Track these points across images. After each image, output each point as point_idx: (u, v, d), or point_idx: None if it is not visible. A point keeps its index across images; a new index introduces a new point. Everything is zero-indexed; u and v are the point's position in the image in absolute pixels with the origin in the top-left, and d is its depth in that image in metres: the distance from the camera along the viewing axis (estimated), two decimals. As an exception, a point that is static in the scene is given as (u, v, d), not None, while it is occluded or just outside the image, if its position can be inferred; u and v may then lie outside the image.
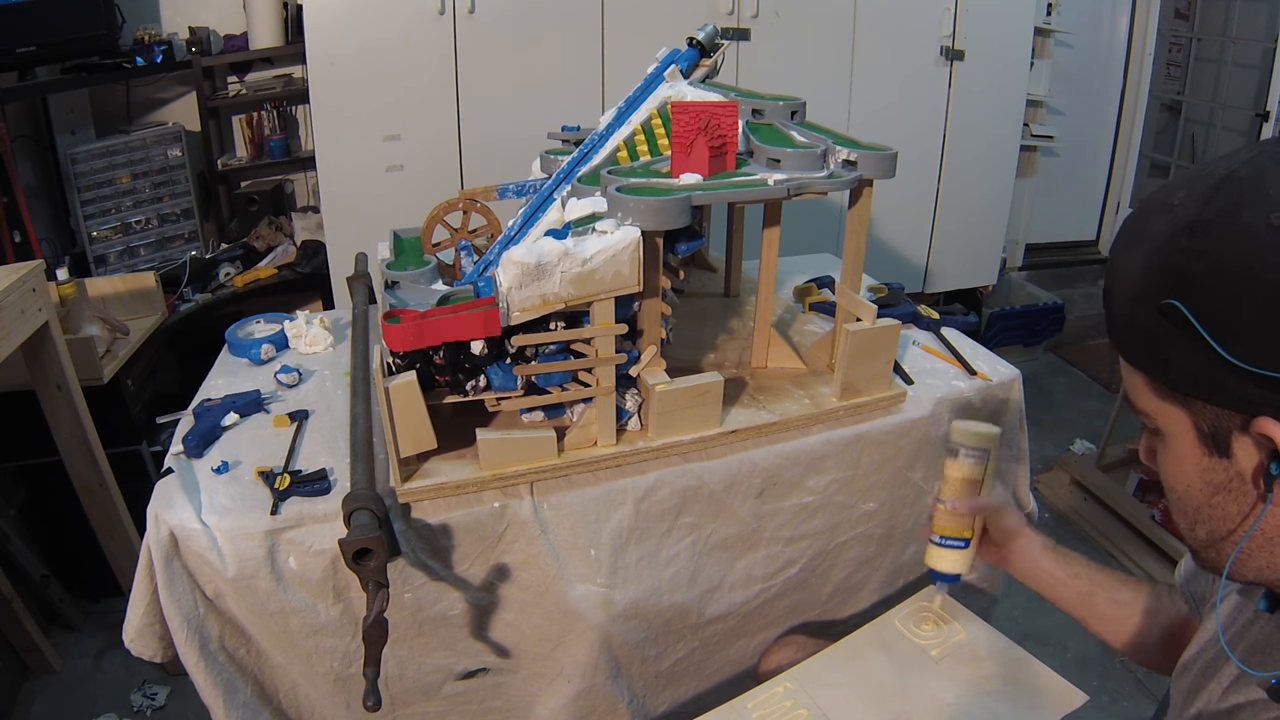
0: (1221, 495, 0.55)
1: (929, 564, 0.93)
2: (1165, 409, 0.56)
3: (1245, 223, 0.49)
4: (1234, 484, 0.54)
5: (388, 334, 0.82)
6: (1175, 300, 0.50)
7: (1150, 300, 0.52)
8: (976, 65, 2.76)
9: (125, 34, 2.49)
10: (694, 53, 1.14)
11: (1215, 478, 0.55)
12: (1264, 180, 0.50)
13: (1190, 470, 0.56)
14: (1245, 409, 0.51)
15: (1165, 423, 0.56)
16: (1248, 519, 0.54)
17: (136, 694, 1.77)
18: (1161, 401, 0.56)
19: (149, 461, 1.98)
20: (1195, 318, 0.50)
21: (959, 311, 3.17)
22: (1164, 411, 0.56)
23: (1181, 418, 0.55)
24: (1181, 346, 0.51)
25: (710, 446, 1.01)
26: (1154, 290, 0.52)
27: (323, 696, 1.00)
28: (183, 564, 0.89)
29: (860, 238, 1.07)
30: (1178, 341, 0.51)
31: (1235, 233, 0.49)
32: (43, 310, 1.51)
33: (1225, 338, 0.49)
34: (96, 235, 2.54)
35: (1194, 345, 0.50)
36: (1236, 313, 0.49)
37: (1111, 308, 0.57)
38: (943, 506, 0.92)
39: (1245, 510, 0.54)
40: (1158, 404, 0.56)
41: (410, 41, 2.26)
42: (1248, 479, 0.53)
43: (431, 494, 0.91)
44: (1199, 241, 0.50)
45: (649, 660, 1.10)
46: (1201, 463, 0.55)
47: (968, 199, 2.95)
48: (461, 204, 1.13)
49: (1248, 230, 0.48)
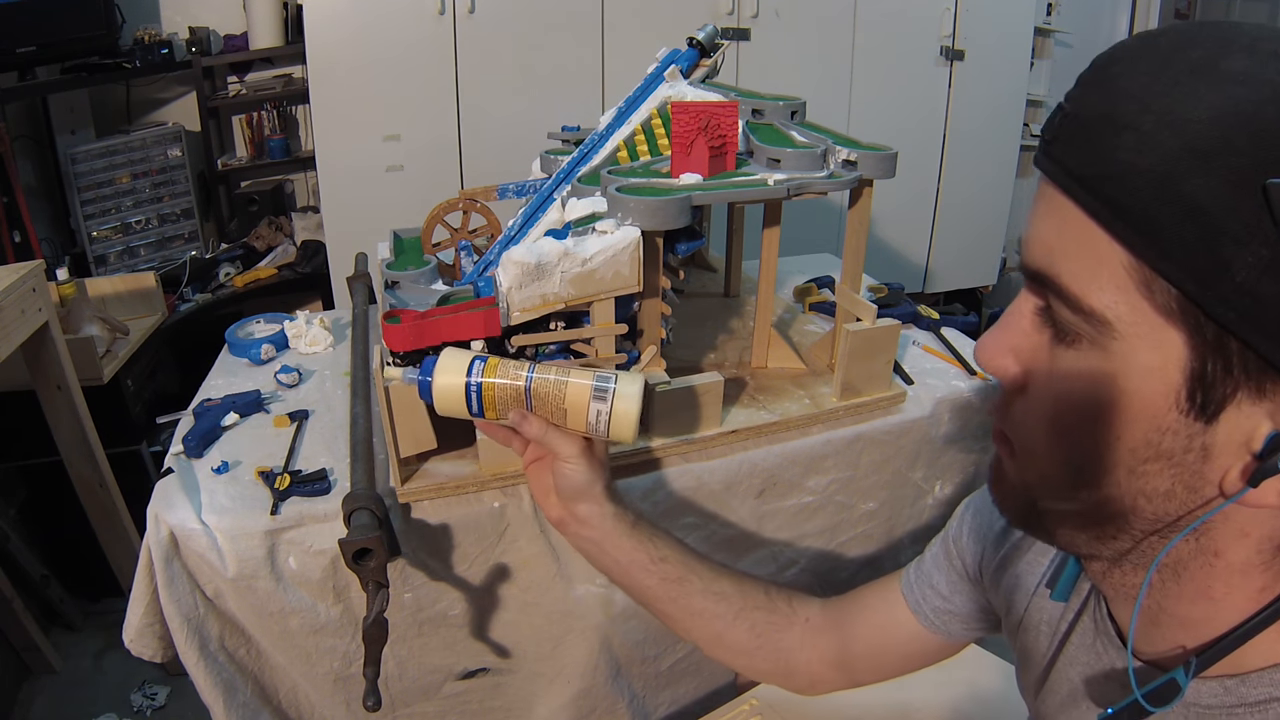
0: (1160, 464, 0.40)
1: (439, 366, 0.71)
2: (1148, 323, 0.38)
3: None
4: (1187, 457, 0.39)
5: (388, 334, 0.82)
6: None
7: (1229, 168, 0.34)
8: (976, 65, 2.76)
9: (125, 34, 2.50)
10: (694, 53, 1.14)
11: (1169, 440, 0.39)
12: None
13: (1135, 415, 0.39)
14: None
15: (1133, 341, 0.39)
16: (1188, 507, 0.41)
17: (136, 694, 1.77)
18: (1149, 311, 0.38)
19: (149, 461, 1.98)
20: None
21: (959, 311, 3.17)
22: (1142, 325, 0.38)
23: (1175, 346, 0.38)
24: (1261, 255, 0.34)
25: (710, 446, 1.01)
26: (1247, 157, 0.34)
27: (323, 696, 1.00)
28: (183, 564, 0.89)
29: (860, 238, 1.07)
30: (1256, 246, 0.34)
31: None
32: (43, 310, 1.51)
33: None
34: (96, 235, 2.54)
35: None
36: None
37: (1121, 146, 0.37)
38: (522, 389, 0.70)
39: (1180, 494, 0.40)
40: (1138, 312, 0.38)
41: (410, 41, 2.26)
42: (1212, 458, 0.39)
43: (431, 494, 0.91)
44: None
45: (649, 660, 1.10)
46: (1163, 414, 0.39)
47: (968, 199, 2.95)
48: (461, 204, 1.13)
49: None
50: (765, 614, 0.77)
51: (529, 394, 0.71)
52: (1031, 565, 0.64)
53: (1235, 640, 0.43)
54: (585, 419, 0.70)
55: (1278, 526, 0.41)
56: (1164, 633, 0.47)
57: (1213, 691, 0.44)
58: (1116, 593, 0.50)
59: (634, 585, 0.76)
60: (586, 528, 0.74)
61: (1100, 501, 0.43)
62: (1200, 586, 0.44)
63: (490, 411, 0.72)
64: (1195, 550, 0.43)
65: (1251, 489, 0.38)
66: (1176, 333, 0.37)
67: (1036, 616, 0.62)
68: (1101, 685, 0.54)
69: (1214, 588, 0.43)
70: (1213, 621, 0.44)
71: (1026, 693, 0.65)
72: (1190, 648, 0.46)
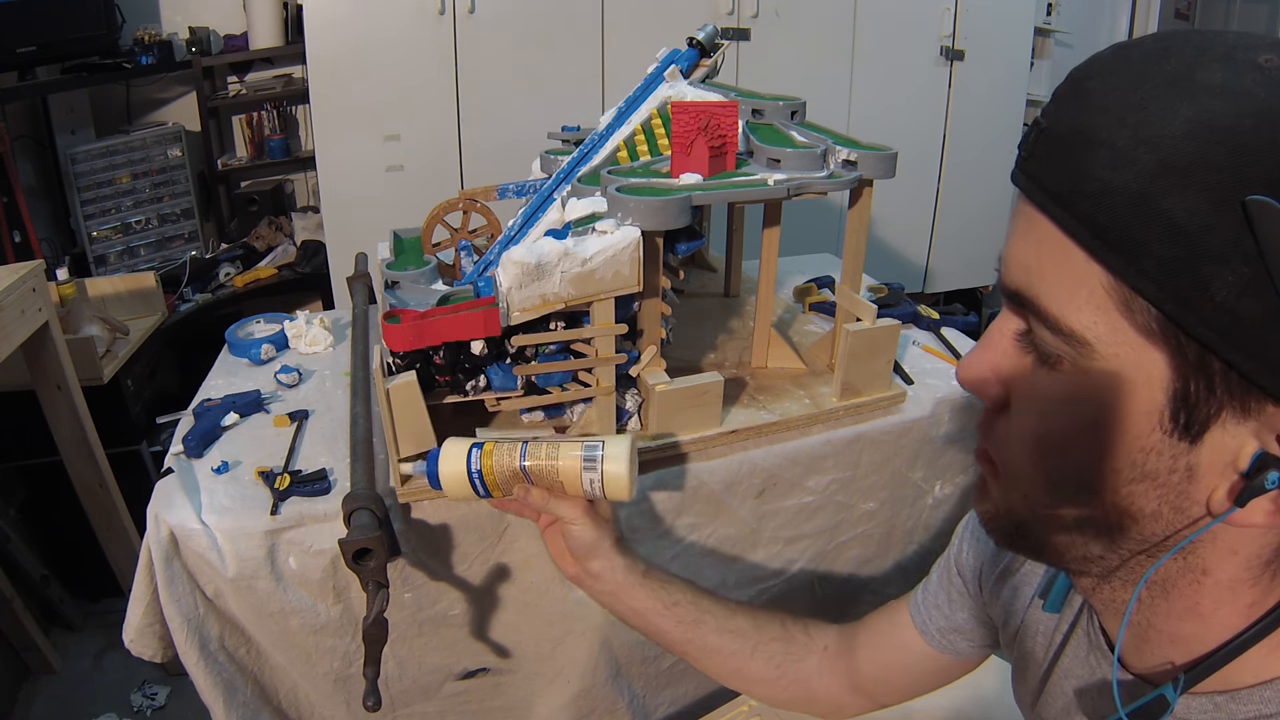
0: (1145, 485, 0.39)
1: (442, 458, 0.77)
2: (1129, 343, 0.37)
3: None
4: (1172, 477, 0.39)
5: (388, 334, 0.82)
6: (1274, 199, 0.32)
7: (1207, 184, 0.33)
8: (976, 65, 2.76)
9: (125, 34, 2.50)
10: (694, 53, 1.14)
11: (1153, 460, 0.38)
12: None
13: (1119, 436, 0.39)
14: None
15: (1114, 362, 0.38)
16: (1175, 527, 0.40)
17: (136, 694, 1.77)
18: (1129, 331, 0.37)
19: (149, 461, 1.98)
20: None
21: (959, 311, 3.17)
22: (1122, 345, 0.37)
23: (1157, 366, 0.37)
24: (1243, 273, 0.33)
25: (710, 446, 1.01)
26: (1226, 173, 0.33)
27: (323, 696, 1.00)
28: (183, 564, 0.89)
29: (860, 238, 1.07)
30: (1238, 264, 0.33)
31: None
32: (43, 310, 1.51)
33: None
34: (96, 235, 2.54)
35: (1265, 280, 0.33)
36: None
37: (1096, 163, 0.36)
38: (518, 469, 0.75)
39: (1166, 515, 0.40)
40: (1118, 332, 0.37)
41: (410, 41, 2.26)
42: (1198, 477, 0.38)
43: (431, 494, 0.91)
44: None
45: (649, 660, 1.10)
46: (1147, 434, 0.38)
47: (968, 199, 2.95)
48: (461, 204, 1.13)
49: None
50: (782, 645, 0.79)
51: (525, 473, 0.76)
52: (1028, 576, 0.64)
53: (1225, 656, 0.43)
54: (580, 488, 0.75)
55: (1266, 543, 0.41)
56: (1153, 648, 0.47)
57: (1202, 708, 0.44)
58: (1106, 608, 0.49)
59: (651, 630, 0.80)
60: (600, 582, 0.79)
61: (1085, 521, 0.42)
62: (1189, 603, 0.43)
63: (496, 492, 0.77)
64: (1183, 568, 0.43)
65: (1239, 509, 0.38)
66: (1158, 353, 0.37)
67: (1032, 627, 0.62)
68: (1094, 699, 0.53)
69: (1202, 604, 0.43)
70: (1202, 638, 0.44)
71: (1023, 704, 0.64)
72: (1179, 663, 0.45)
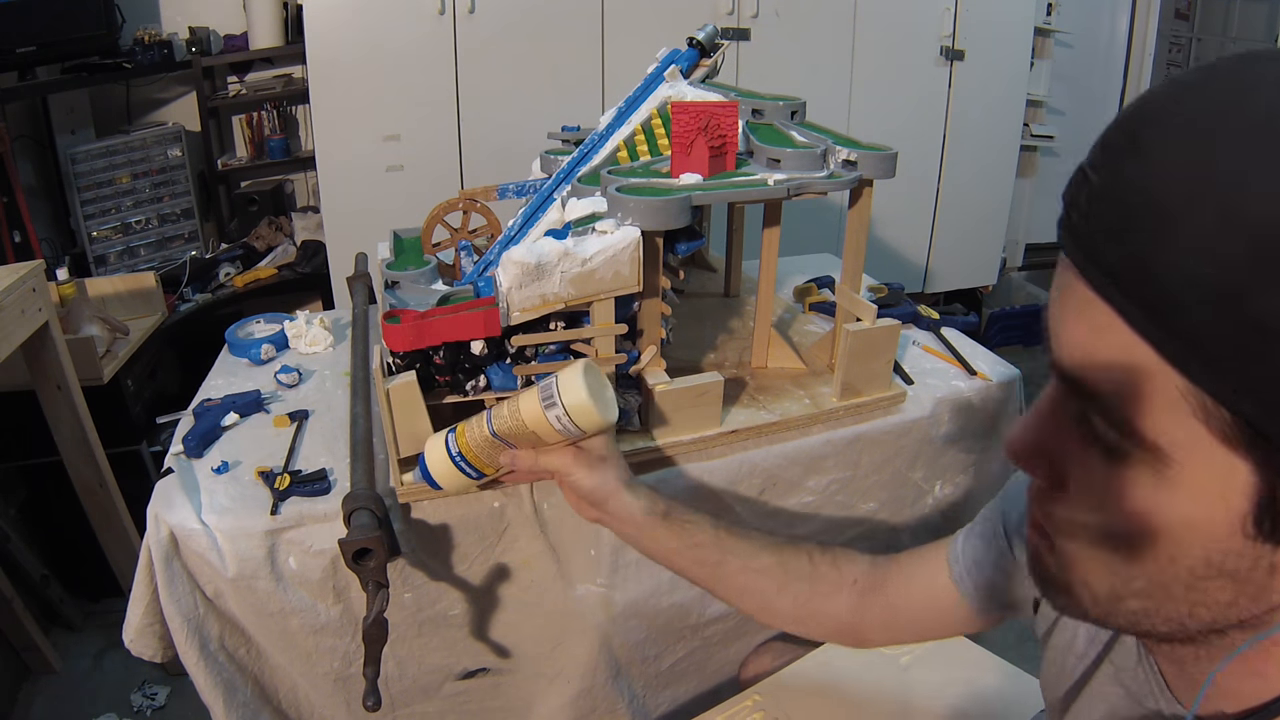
0: (1222, 581, 0.37)
1: (426, 454, 0.79)
2: (1208, 450, 0.33)
3: None
4: (1254, 574, 0.36)
5: (388, 334, 0.82)
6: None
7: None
8: (976, 65, 2.76)
9: (125, 34, 2.50)
10: (694, 53, 1.14)
11: (1232, 561, 0.36)
12: None
13: (1194, 540, 0.36)
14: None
15: (1190, 469, 0.34)
16: (1252, 612, 0.38)
17: (136, 694, 1.77)
18: (1207, 438, 0.33)
19: (149, 461, 1.98)
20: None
21: (959, 311, 3.17)
22: (1200, 453, 0.34)
23: (1240, 473, 0.33)
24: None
25: (710, 446, 1.01)
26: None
27: (323, 696, 1.00)
28: (183, 564, 0.89)
29: (860, 238, 1.07)
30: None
31: None
32: (43, 310, 1.51)
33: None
34: (96, 235, 2.54)
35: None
36: None
37: (1170, 248, 0.31)
38: (490, 436, 0.74)
39: (1243, 604, 0.37)
40: (1195, 439, 0.34)
41: (410, 41, 2.26)
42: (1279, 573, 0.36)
43: (431, 493, 0.91)
44: None
45: (649, 660, 1.10)
46: (1226, 538, 0.35)
47: (968, 199, 2.95)
48: (461, 204, 1.13)
49: None
50: (808, 585, 0.78)
51: (499, 437, 0.73)
52: None
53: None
54: (553, 429, 0.72)
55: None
56: (1206, 694, 0.45)
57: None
58: (1166, 658, 0.48)
59: (676, 569, 0.81)
60: (619, 523, 0.79)
61: (1151, 610, 0.40)
62: (1255, 667, 0.42)
63: (487, 469, 0.76)
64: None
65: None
66: (1241, 461, 0.33)
67: (1071, 628, 0.60)
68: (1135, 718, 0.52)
69: (1269, 669, 0.41)
70: (1260, 694, 0.42)
71: (1052, 712, 0.63)
72: (1231, 713, 0.43)
